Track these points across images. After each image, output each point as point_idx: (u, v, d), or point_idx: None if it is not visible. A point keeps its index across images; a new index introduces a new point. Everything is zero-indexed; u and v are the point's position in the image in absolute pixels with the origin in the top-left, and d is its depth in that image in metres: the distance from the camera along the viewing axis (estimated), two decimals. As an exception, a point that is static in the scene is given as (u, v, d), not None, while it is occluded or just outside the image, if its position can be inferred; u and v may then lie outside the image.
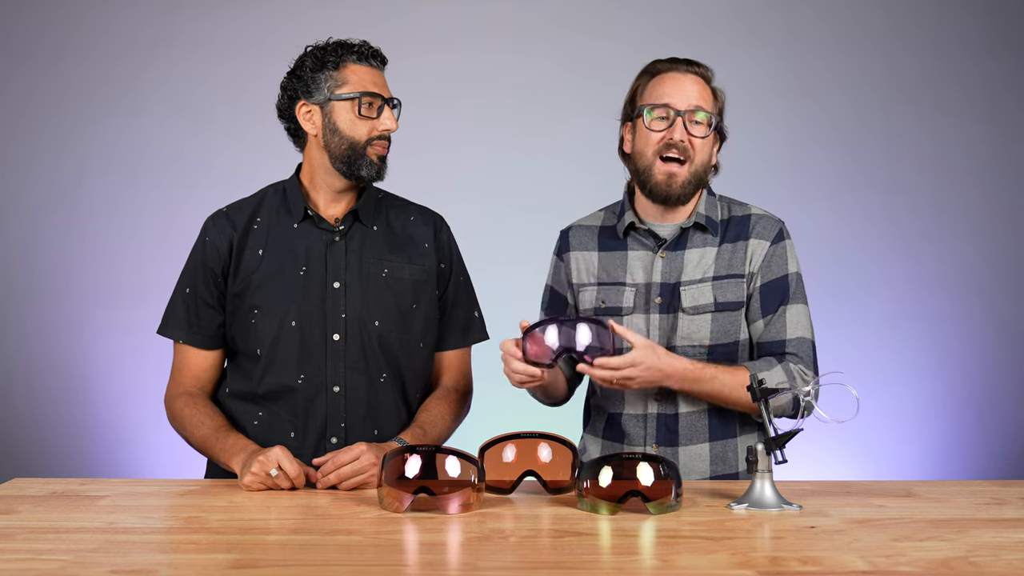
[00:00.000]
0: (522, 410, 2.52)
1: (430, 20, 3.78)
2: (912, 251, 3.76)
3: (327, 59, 1.91)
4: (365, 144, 1.91)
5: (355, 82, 1.90)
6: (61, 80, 3.75)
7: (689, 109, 1.91)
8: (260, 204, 2.01)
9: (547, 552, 1.35)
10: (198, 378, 1.98)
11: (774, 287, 1.96)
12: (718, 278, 1.95)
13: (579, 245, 2.07)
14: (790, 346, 1.93)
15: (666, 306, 1.96)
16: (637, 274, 1.99)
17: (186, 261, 2.01)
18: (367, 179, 1.93)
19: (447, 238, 2.08)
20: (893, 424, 3.70)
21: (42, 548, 1.36)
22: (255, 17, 3.76)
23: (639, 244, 2.01)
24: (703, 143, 1.93)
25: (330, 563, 1.29)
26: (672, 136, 1.91)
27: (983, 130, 3.78)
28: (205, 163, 3.73)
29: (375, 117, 1.91)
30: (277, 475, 1.74)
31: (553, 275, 2.12)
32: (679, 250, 1.98)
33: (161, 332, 2.00)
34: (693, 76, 1.95)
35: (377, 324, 1.95)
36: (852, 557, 1.31)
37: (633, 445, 1.98)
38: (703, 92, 1.94)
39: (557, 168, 3.75)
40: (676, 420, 1.95)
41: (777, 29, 3.78)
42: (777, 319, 1.94)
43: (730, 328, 1.95)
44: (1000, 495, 1.73)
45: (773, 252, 1.96)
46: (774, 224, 1.99)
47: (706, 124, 1.93)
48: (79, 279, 3.73)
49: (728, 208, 2.02)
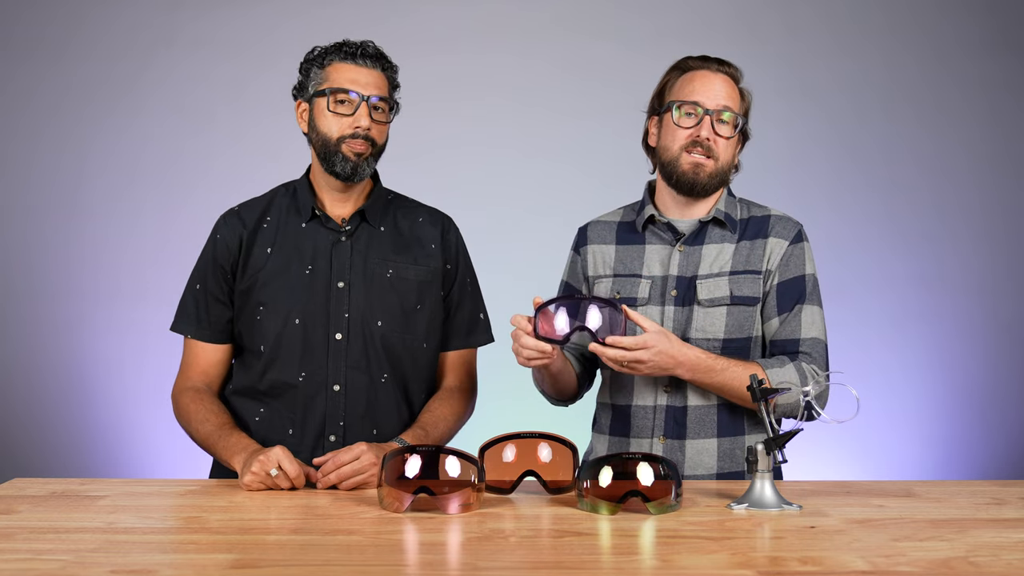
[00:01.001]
0: (523, 410, 2.52)
1: (430, 21, 3.78)
2: (912, 251, 3.76)
3: (317, 58, 1.94)
4: (338, 140, 1.91)
5: (333, 79, 1.92)
6: (61, 80, 3.75)
7: (717, 109, 1.93)
8: (271, 203, 2.03)
9: (547, 552, 1.35)
10: (206, 373, 2.00)
11: (791, 286, 1.97)
12: (735, 273, 1.96)
13: (597, 239, 2.09)
14: (804, 345, 1.94)
15: (681, 299, 1.97)
16: (654, 267, 2.01)
17: (198, 258, 2.03)
18: (342, 177, 1.93)
19: (455, 239, 2.08)
20: (893, 424, 3.70)
21: (42, 548, 1.36)
22: (255, 17, 3.76)
23: (657, 238, 2.03)
24: (727, 143, 1.95)
25: (330, 563, 1.29)
26: (699, 134, 1.94)
27: (983, 130, 3.78)
28: (205, 163, 3.74)
29: (349, 114, 1.91)
30: (277, 475, 1.74)
31: (569, 270, 2.14)
32: (697, 245, 1.99)
33: (174, 328, 2.02)
34: (723, 76, 1.97)
35: (380, 324, 1.95)
36: (852, 557, 1.31)
37: (640, 437, 1.98)
38: (731, 92, 1.96)
39: (556, 169, 3.75)
40: (684, 413, 1.95)
41: (777, 29, 3.78)
42: (792, 318, 1.95)
43: (744, 323, 1.95)
44: (1000, 495, 1.73)
45: (792, 252, 1.98)
46: (793, 225, 2.01)
47: (732, 124, 1.95)
48: (79, 279, 3.74)
49: (747, 208, 2.04)
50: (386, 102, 1.94)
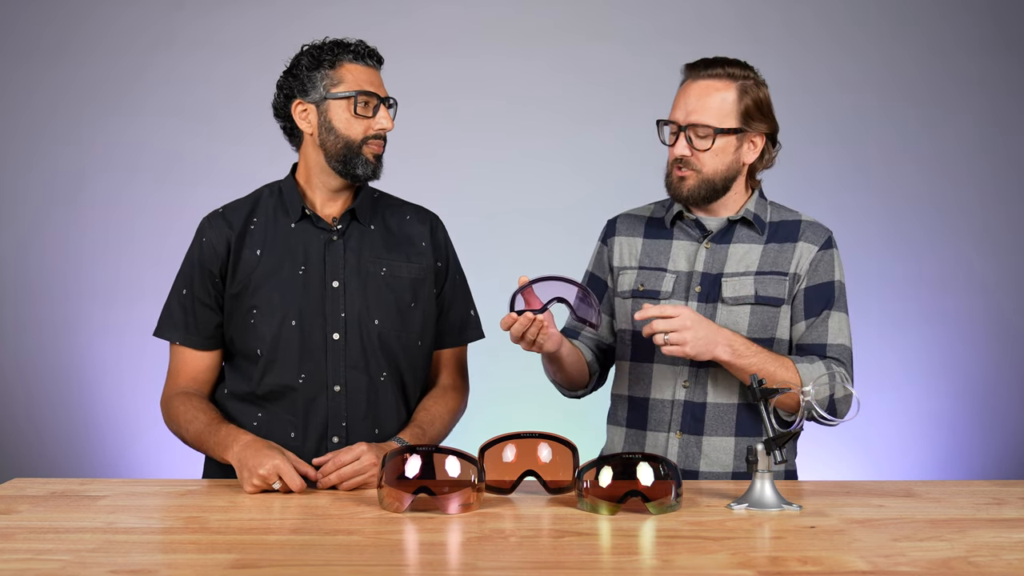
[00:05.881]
0: (523, 410, 2.52)
1: (428, 21, 3.77)
2: (912, 251, 3.76)
3: (323, 58, 1.91)
4: (360, 143, 1.91)
5: (351, 81, 1.91)
6: (61, 80, 3.75)
7: (689, 124, 1.91)
8: (256, 204, 2.01)
9: (547, 552, 1.35)
10: (195, 379, 1.98)
11: (820, 291, 1.96)
12: (761, 273, 1.96)
13: (625, 231, 2.09)
14: (831, 351, 1.94)
15: (705, 295, 1.96)
16: (680, 262, 2.00)
17: (182, 262, 2.00)
18: (363, 178, 1.93)
19: (443, 237, 2.08)
20: (894, 424, 3.70)
21: (42, 548, 1.36)
22: (255, 17, 3.76)
23: (685, 234, 2.02)
24: (711, 155, 1.92)
25: (330, 563, 1.29)
26: (674, 154, 1.93)
27: (983, 130, 3.78)
28: (205, 163, 3.73)
29: (371, 116, 1.91)
30: (280, 487, 1.74)
31: (595, 261, 2.13)
32: (724, 243, 1.99)
33: (158, 334, 1.99)
34: (704, 82, 1.92)
35: (377, 323, 1.95)
36: (852, 557, 1.31)
37: (657, 431, 1.97)
38: (709, 100, 1.91)
39: (554, 169, 3.75)
40: (703, 409, 1.95)
41: (777, 29, 3.78)
42: (820, 323, 1.95)
43: (768, 323, 1.95)
44: (1000, 495, 1.73)
45: (821, 257, 1.97)
46: (824, 231, 2.01)
47: (710, 137, 1.91)
48: (79, 279, 3.73)
49: (778, 212, 2.03)
50: (395, 102, 1.96)
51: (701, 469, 1.94)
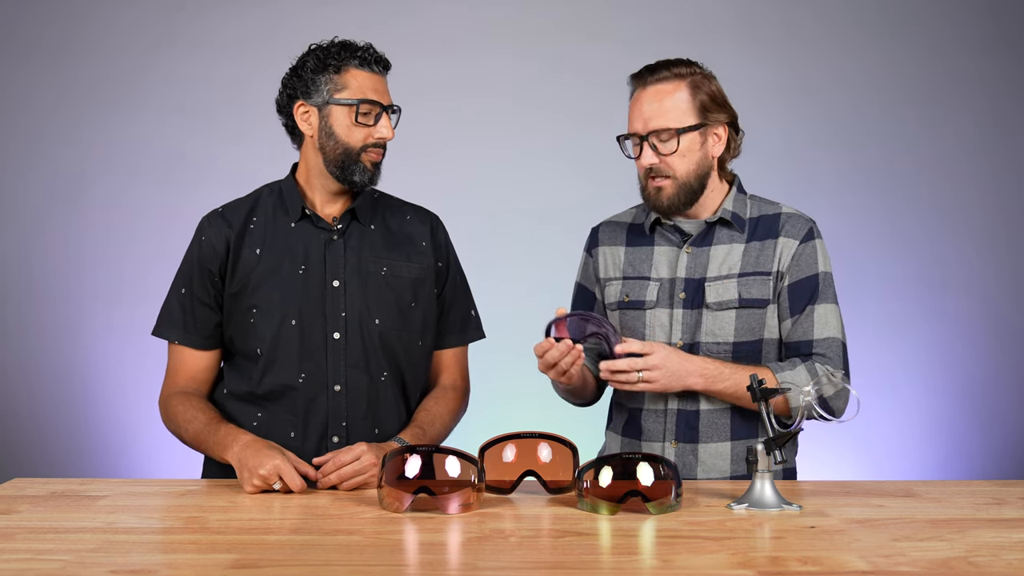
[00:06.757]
0: (523, 410, 2.52)
1: (429, 21, 3.78)
2: (912, 251, 3.76)
3: (329, 61, 1.90)
4: (360, 151, 1.91)
5: (355, 88, 1.90)
6: (61, 80, 3.75)
7: (650, 131, 1.90)
8: (256, 203, 2.01)
9: (547, 552, 1.35)
10: (194, 379, 1.98)
11: (802, 286, 1.95)
12: (744, 275, 1.95)
13: (607, 240, 2.08)
14: (818, 346, 1.92)
15: (690, 301, 1.96)
16: (662, 269, 2.00)
17: (181, 262, 2.00)
18: (360, 185, 1.93)
19: (443, 237, 2.08)
20: (894, 424, 3.70)
21: (42, 548, 1.37)
22: (255, 17, 3.76)
23: (665, 240, 2.01)
24: (678, 157, 1.90)
25: (330, 563, 1.29)
26: (643, 165, 1.92)
27: (983, 130, 3.78)
28: (205, 163, 3.73)
29: (372, 125, 1.90)
30: (280, 487, 1.74)
31: (582, 272, 2.13)
32: (705, 246, 1.98)
33: (156, 333, 1.99)
34: (652, 89, 1.91)
35: (377, 322, 1.95)
36: (852, 557, 1.31)
37: (652, 442, 1.97)
38: (661, 105, 1.90)
39: (553, 170, 3.75)
40: (697, 417, 1.94)
41: (777, 29, 3.78)
42: (804, 319, 1.94)
43: (754, 325, 1.94)
44: (1000, 495, 1.73)
45: (802, 251, 1.95)
46: (804, 223, 1.98)
47: (673, 139, 1.90)
48: (79, 279, 3.73)
49: (758, 206, 2.01)
50: (398, 109, 1.95)
51: (699, 477, 1.94)
